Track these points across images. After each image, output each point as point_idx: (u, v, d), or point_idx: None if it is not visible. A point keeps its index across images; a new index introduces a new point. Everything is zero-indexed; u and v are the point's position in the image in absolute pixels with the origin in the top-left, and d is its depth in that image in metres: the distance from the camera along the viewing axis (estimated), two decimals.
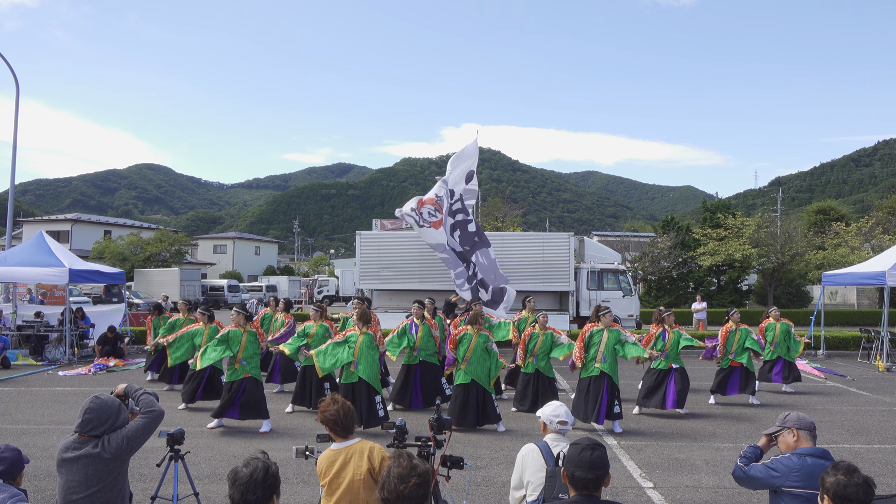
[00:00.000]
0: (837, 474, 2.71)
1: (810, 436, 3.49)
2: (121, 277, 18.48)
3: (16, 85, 20.37)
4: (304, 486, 6.47)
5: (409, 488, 2.49)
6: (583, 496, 2.82)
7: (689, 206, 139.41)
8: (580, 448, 2.87)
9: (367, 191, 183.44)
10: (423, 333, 10.12)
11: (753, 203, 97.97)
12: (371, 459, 3.56)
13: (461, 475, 6.35)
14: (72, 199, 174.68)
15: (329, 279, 50.77)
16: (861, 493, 2.64)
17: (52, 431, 8.72)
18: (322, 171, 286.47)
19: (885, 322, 16.85)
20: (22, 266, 15.31)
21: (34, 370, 14.27)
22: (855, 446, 8.37)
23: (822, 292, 19.94)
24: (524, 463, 3.94)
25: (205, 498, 5.95)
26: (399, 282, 17.89)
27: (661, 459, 7.63)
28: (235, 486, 2.63)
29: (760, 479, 3.47)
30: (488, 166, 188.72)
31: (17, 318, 16.63)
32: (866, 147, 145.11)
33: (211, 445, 8.06)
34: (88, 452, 3.36)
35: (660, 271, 32.96)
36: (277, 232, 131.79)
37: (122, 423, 3.51)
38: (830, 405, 11.08)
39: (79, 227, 51.95)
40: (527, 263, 17.74)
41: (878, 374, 14.98)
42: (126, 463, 3.57)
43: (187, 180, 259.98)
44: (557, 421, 4.01)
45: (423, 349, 10.11)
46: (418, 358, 10.09)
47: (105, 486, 3.39)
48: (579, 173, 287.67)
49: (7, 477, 3.31)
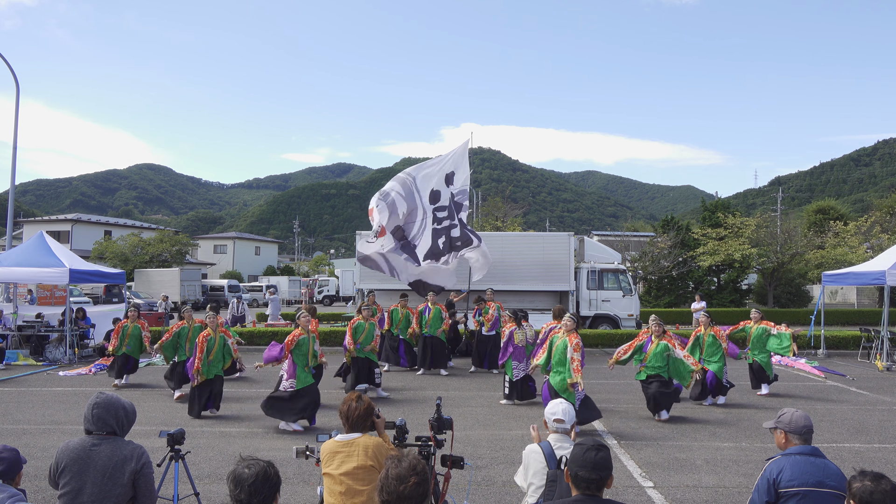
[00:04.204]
0: (864, 480, 2.72)
1: (800, 438, 3.50)
2: (121, 278, 18.49)
3: (16, 85, 20.36)
4: (304, 486, 6.48)
5: (408, 488, 2.50)
6: (585, 496, 2.83)
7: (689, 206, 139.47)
8: (585, 448, 2.87)
9: (367, 191, 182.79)
10: (433, 315, 13.64)
11: (753, 203, 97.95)
12: (370, 456, 3.58)
13: (461, 475, 6.36)
14: (72, 200, 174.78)
15: (329, 279, 50.78)
16: (888, 500, 2.65)
17: (53, 431, 8.72)
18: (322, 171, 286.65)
19: (885, 321, 16.85)
20: (22, 266, 15.31)
21: (34, 370, 14.28)
22: (855, 445, 8.37)
23: (822, 292, 19.95)
24: (527, 463, 3.94)
25: (205, 498, 5.96)
26: (399, 281, 17.85)
27: (662, 459, 7.63)
28: (242, 487, 2.65)
29: (756, 500, 3.48)
30: (488, 166, 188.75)
31: (18, 318, 16.63)
32: (866, 146, 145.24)
33: (211, 445, 8.06)
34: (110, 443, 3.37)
35: (660, 271, 32.96)
36: (277, 232, 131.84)
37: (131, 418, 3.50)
38: (830, 405, 11.08)
39: (79, 228, 51.96)
40: (527, 263, 17.73)
41: (878, 373, 14.98)
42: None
43: (187, 180, 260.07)
44: (554, 419, 4.00)
45: (433, 326, 13.65)
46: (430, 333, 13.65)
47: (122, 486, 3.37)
48: (579, 173, 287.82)
49: (6, 477, 3.32)
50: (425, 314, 13.75)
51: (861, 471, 2.80)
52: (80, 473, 3.29)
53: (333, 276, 53.98)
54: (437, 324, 13.71)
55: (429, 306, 13.82)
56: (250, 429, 8.99)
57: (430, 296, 14.12)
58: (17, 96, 20.34)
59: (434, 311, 13.75)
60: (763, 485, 3.39)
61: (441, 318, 13.78)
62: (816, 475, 3.30)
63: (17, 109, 20.19)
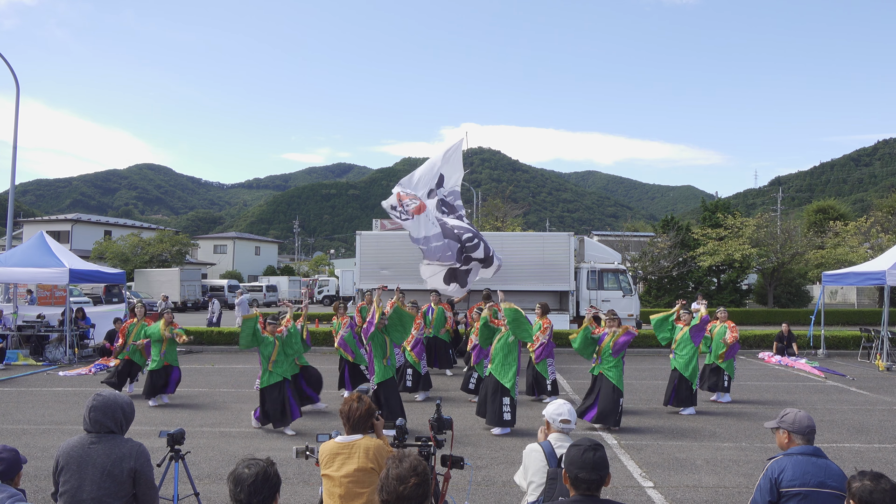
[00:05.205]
0: (864, 480, 2.73)
1: (803, 438, 3.49)
2: (121, 277, 18.49)
3: (16, 85, 20.35)
4: (304, 486, 6.47)
5: (408, 489, 2.49)
6: (585, 496, 2.82)
7: (689, 206, 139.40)
8: (582, 449, 2.87)
9: (367, 191, 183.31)
10: (437, 315, 13.62)
11: (753, 203, 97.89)
12: (370, 458, 3.56)
13: (461, 475, 6.36)
14: (72, 200, 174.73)
15: (329, 279, 50.77)
16: (888, 500, 2.65)
17: (53, 431, 8.72)
18: (322, 171, 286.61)
19: (885, 321, 16.85)
20: (22, 266, 15.31)
21: (34, 370, 14.28)
22: (855, 445, 8.37)
23: (822, 292, 19.95)
24: (526, 462, 3.94)
25: (205, 498, 5.96)
26: (399, 281, 17.78)
27: (662, 459, 7.63)
28: (243, 487, 2.65)
29: (758, 500, 3.47)
30: (488, 166, 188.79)
31: (18, 318, 16.63)
32: (866, 146, 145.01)
33: (211, 445, 8.06)
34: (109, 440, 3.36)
35: (660, 271, 32.96)
36: (277, 232, 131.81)
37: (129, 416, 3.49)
38: (830, 404, 11.08)
39: (79, 228, 51.97)
40: (527, 263, 17.73)
41: (878, 373, 14.98)
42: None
43: (187, 180, 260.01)
44: (560, 419, 4.00)
45: (436, 327, 13.60)
46: (433, 333, 13.54)
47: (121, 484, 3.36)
48: (579, 173, 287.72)
49: (5, 477, 3.31)
50: (429, 314, 13.75)
51: (861, 471, 2.80)
52: (78, 472, 3.29)
53: (333, 276, 53.97)
54: (440, 324, 13.71)
55: (432, 306, 13.84)
56: (250, 429, 8.99)
57: (433, 296, 14.14)
58: (17, 96, 20.34)
59: (437, 311, 13.76)
60: (765, 484, 3.38)
61: (444, 318, 13.81)
62: (818, 475, 3.29)
63: (17, 109, 20.19)
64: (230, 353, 17.65)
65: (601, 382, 9.10)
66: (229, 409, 10.24)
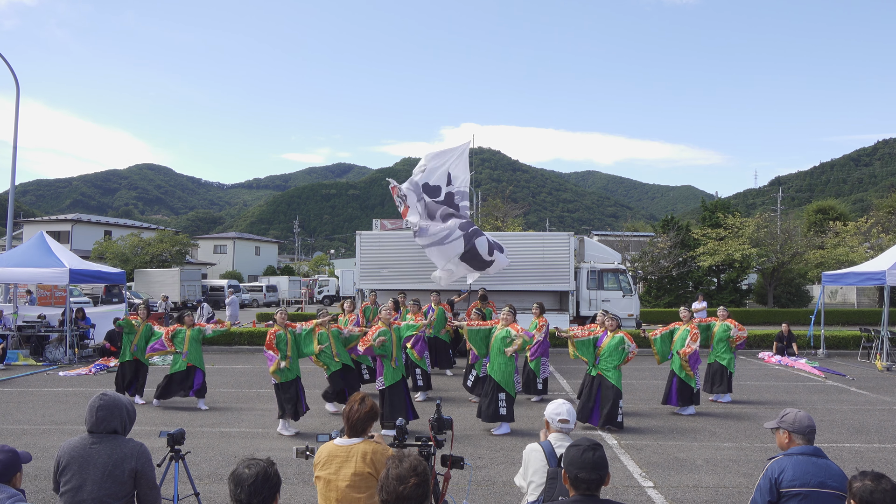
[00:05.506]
0: (864, 480, 2.72)
1: (804, 439, 3.49)
2: (121, 278, 18.47)
3: (16, 85, 20.35)
4: (304, 486, 6.47)
5: (408, 489, 2.49)
6: (584, 496, 2.83)
7: (689, 206, 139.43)
8: (581, 449, 2.87)
9: (367, 191, 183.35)
10: (437, 315, 13.48)
11: (753, 203, 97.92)
12: (367, 463, 3.50)
13: (461, 475, 6.36)
14: (72, 200, 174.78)
15: (329, 279, 50.78)
16: (888, 500, 2.64)
17: (53, 432, 8.72)
18: (322, 171, 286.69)
19: (884, 321, 16.85)
20: (22, 266, 15.31)
21: (35, 370, 14.28)
22: (855, 445, 8.37)
23: (822, 292, 19.95)
24: (526, 462, 3.94)
25: (205, 498, 5.96)
26: (399, 281, 17.85)
27: (662, 459, 7.63)
28: (243, 487, 2.65)
29: (758, 500, 3.47)
30: (488, 166, 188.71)
31: (18, 318, 16.63)
32: (866, 146, 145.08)
33: (211, 445, 8.06)
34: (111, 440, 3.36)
35: (660, 271, 32.95)
36: (277, 232, 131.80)
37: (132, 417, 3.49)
38: (830, 404, 11.08)
39: (79, 228, 51.94)
40: (527, 263, 17.72)
41: (878, 373, 14.98)
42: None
43: (187, 180, 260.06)
44: (559, 419, 4.00)
45: (437, 327, 13.47)
46: (434, 333, 13.46)
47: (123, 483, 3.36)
48: (579, 173, 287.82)
49: (2, 478, 3.31)
50: (429, 314, 13.70)
51: (861, 471, 2.80)
52: (80, 471, 3.29)
53: (333, 276, 53.97)
54: (440, 324, 13.69)
55: (432, 306, 13.86)
56: (250, 429, 9.00)
57: (433, 296, 14.15)
58: (17, 96, 20.34)
59: (438, 311, 13.75)
60: (765, 484, 3.38)
61: (445, 319, 13.71)
62: (819, 476, 3.29)
63: (17, 109, 20.19)
64: (230, 353, 17.66)
65: (600, 383, 9.09)
66: (229, 409, 10.24)
